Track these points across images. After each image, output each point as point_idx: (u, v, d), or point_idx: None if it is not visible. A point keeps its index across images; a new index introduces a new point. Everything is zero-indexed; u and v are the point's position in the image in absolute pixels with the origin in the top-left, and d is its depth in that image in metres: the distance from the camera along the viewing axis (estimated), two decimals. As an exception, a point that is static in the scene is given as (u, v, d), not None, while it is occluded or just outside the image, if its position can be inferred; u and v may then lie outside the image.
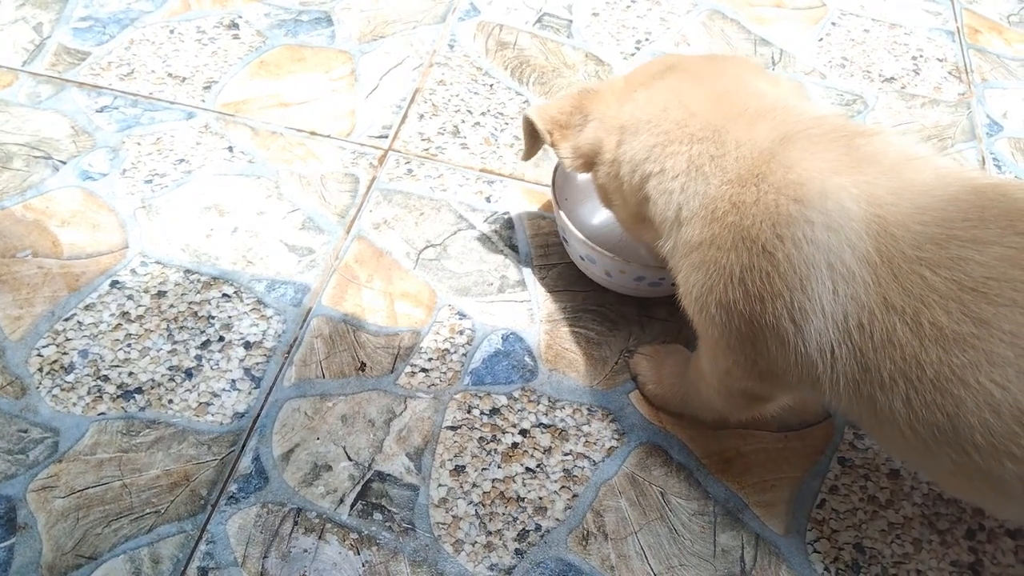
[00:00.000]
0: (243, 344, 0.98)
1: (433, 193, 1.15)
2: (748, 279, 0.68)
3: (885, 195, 0.64)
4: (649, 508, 0.88)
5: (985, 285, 0.60)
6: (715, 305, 0.71)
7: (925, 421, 0.63)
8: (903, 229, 0.63)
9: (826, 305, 0.65)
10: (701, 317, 0.75)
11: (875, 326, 0.64)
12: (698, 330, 0.79)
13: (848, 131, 0.70)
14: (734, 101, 0.75)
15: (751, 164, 0.69)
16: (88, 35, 1.33)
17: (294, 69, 1.30)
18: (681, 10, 1.47)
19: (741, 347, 0.73)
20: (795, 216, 0.65)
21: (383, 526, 0.86)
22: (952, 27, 1.49)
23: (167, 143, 1.19)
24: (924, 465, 0.74)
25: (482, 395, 0.96)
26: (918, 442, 0.65)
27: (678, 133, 0.75)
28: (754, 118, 0.73)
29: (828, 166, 0.66)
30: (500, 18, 1.42)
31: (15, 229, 1.07)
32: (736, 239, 0.68)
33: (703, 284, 0.72)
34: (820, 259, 0.65)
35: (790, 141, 0.69)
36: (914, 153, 0.68)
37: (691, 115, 0.75)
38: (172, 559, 0.82)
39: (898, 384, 0.64)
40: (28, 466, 0.87)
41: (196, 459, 0.89)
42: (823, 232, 0.64)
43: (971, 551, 0.87)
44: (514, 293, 1.05)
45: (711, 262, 0.70)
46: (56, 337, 0.97)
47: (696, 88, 0.78)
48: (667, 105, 0.77)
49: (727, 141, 0.72)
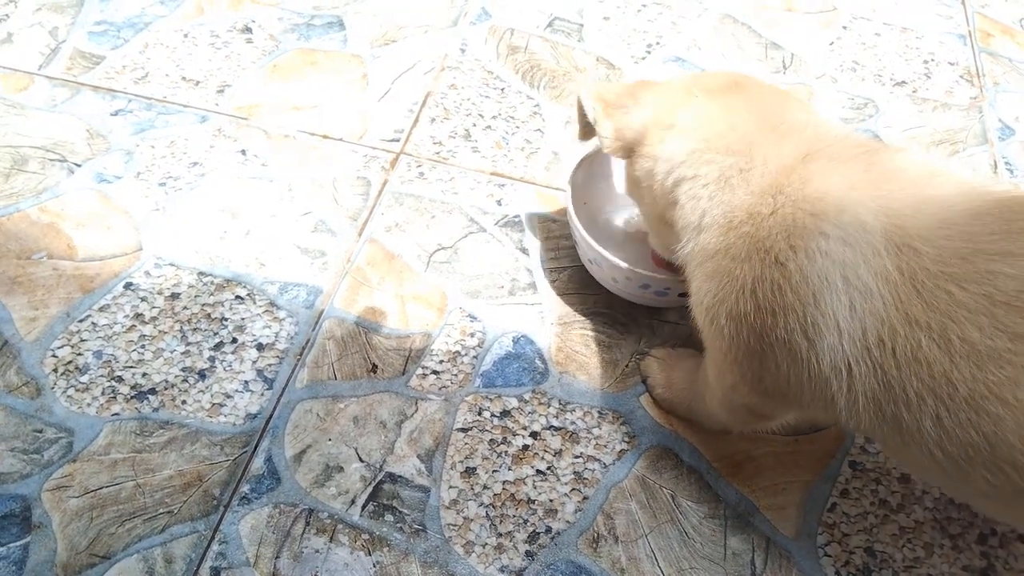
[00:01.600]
0: (256, 346, 0.99)
1: (444, 196, 1.16)
2: (759, 291, 0.67)
3: (905, 209, 0.63)
4: (659, 511, 0.89)
5: (1018, 299, 0.58)
6: (725, 316, 0.71)
7: (958, 441, 0.61)
8: (926, 244, 0.62)
9: (841, 321, 0.64)
10: (711, 328, 0.74)
11: (897, 343, 0.62)
12: (706, 342, 0.78)
13: (870, 148, 0.70)
14: (771, 120, 0.76)
15: (773, 178, 0.70)
16: (103, 39, 1.34)
17: (307, 73, 1.31)
18: (692, 14, 1.47)
19: (748, 362, 0.72)
20: (810, 228, 0.65)
21: (394, 527, 0.86)
22: (964, 31, 1.49)
23: (181, 146, 1.19)
24: (955, 487, 0.71)
25: (493, 397, 0.96)
26: (949, 463, 0.63)
27: (717, 143, 0.75)
28: (783, 135, 0.74)
29: (846, 181, 0.66)
30: (511, 22, 1.43)
31: (30, 231, 1.08)
32: (750, 249, 0.68)
33: (715, 294, 0.71)
34: (835, 273, 0.64)
35: (812, 157, 0.69)
36: (937, 169, 0.68)
37: (731, 129, 0.76)
38: (185, 559, 0.83)
39: (926, 402, 0.61)
40: (43, 466, 0.88)
41: (209, 460, 0.90)
42: (838, 245, 0.64)
43: (983, 556, 0.87)
44: (525, 296, 1.06)
45: (724, 272, 0.70)
46: (71, 338, 0.98)
47: (746, 106, 0.79)
48: (715, 117, 0.78)
49: (756, 155, 0.72)
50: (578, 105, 0.91)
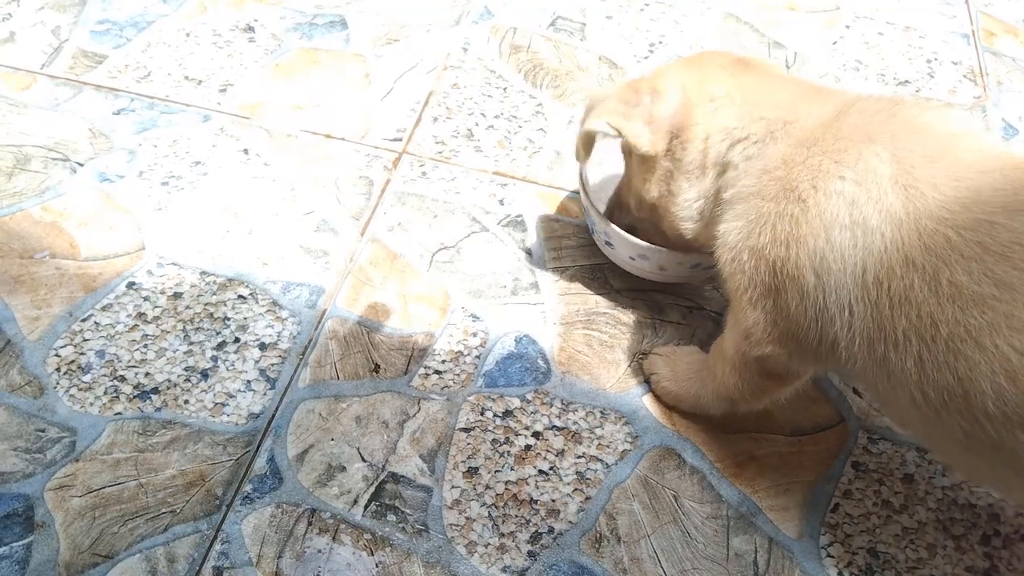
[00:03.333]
0: (258, 345, 0.99)
1: (447, 196, 1.16)
2: (779, 224, 0.71)
3: (919, 160, 0.67)
4: (662, 511, 0.89)
5: (1011, 250, 0.60)
6: (747, 251, 0.75)
7: (935, 383, 0.63)
8: (933, 190, 0.65)
9: (847, 256, 0.67)
10: (732, 266, 0.77)
11: (893, 283, 0.65)
12: (728, 285, 0.80)
13: (900, 105, 0.73)
14: (806, 84, 0.83)
15: (811, 131, 0.74)
16: (105, 38, 1.34)
17: (309, 72, 1.31)
18: (695, 13, 1.47)
19: (763, 301, 0.75)
20: (831, 172, 0.69)
21: (397, 527, 0.86)
22: (967, 30, 1.49)
23: (183, 145, 1.19)
24: (935, 438, 0.73)
25: (495, 397, 0.96)
26: (928, 409, 0.65)
27: (764, 104, 0.80)
28: (824, 95, 0.79)
29: (868, 133, 0.70)
30: (514, 21, 1.42)
31: (33, 230, 1.08)
32: (779, 190, 0.72)
33: (740, 230, 0.75)
34: (844, 210, 0.68)
35: (845, 113, 0.73)
36: (964, 130, 0.70)
37: (772, 92, 0.81)
38: (187, 558, 0.83)
39: (911, 342, 0.64)
40: (46, 465, 0.88)
41: (211, 459, 0.90)
42: (850, 185, 0.68)
43: (986, 556, 0.87)
44: (527, 295, 1.06)
45: (753, 210, 0.74)
46: (73, 337, 0.98)
47: (775, 75, 0.86)
48: (752, 85, 0.82)
49: (800, 111, 0.77)
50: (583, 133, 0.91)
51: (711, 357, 0.90)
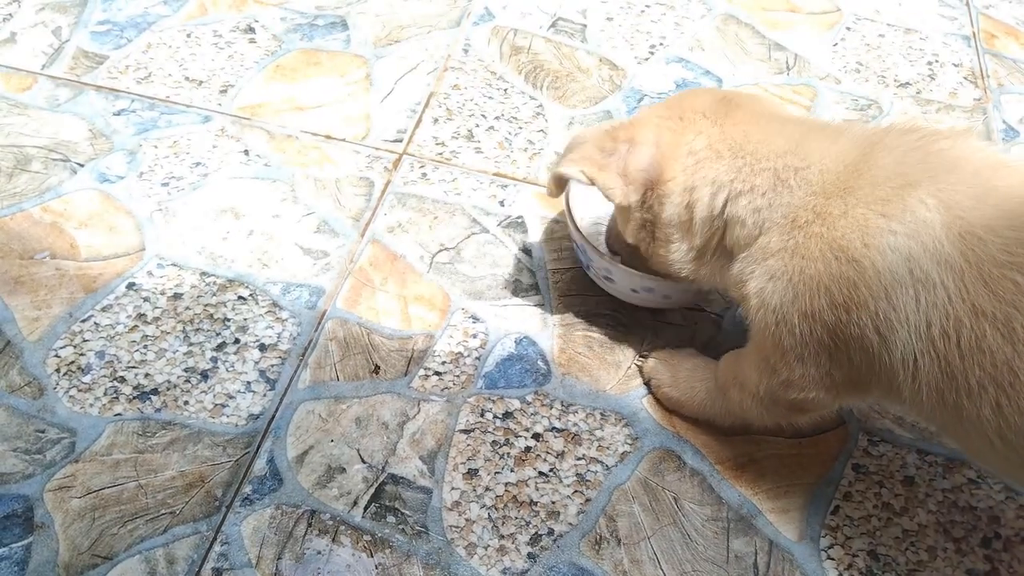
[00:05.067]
0: (258, 346, 0.99)
1: (447, 197, 1.16)
2: (835, 288, 0.69)
3: (966, 201, 0.65)
4: (662, 513, 0.88)
5: None
6: (798, 315, 0.72)
7: (1018, 429, 0.62)
8: (991, 233, 0.63)
9: (910, 315, 0.66)
10: (778, 328, 0.74)
11: (962, 334, 0.63)
12: (765, 340, 0.77)
13: (927, 138, 0.71)
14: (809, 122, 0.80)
15: (836, 177, 0.71)
16: (106, 39, 1.34)
17: (310, 73, 1.31)
18: (695, 15, 1.47)
19: (816, 358, 0.73)
20: (882, 228, 0.67)
21: (396, 528, 0.86)
22: (968, 32, 1.49)
23: (184, 146, 1.19)
24: (1015, 473, 0.73)
25: (495, 399, 0.96)
26: (1008, 451, 0.64)
27: (762, 151, 0.76)
28: (835, 133, 0.75)
29: (905, 177, 0.68)
30: (515, 23, 1.42)
31: (33, 231, 1.08)
32: (823, 248, 0.69)
33: (782, 292, 0.72)
34: (903, 267, 0.65)
35: (872, 154, 0.71)
36: (1000, 160, 0.69)
37: (773, 134, 0.77)
38: (187, 560, 0.83)
39: (987, 391, 0.63)
40: (45, 466, 0.88)
41: (211, 460, 0.90)
42: (904, 240, 0.65)
43: (987, 559, 0.87)
44: (527, 297, 1.06)
45: (795, 271, 0.71)
46: (73, 338, 0.98)
47: (769, 113, 0.81)
48: (748, 129, 0.78)
49: (811, 154, 0.73)
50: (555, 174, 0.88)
51: (723, 377, 0.89)
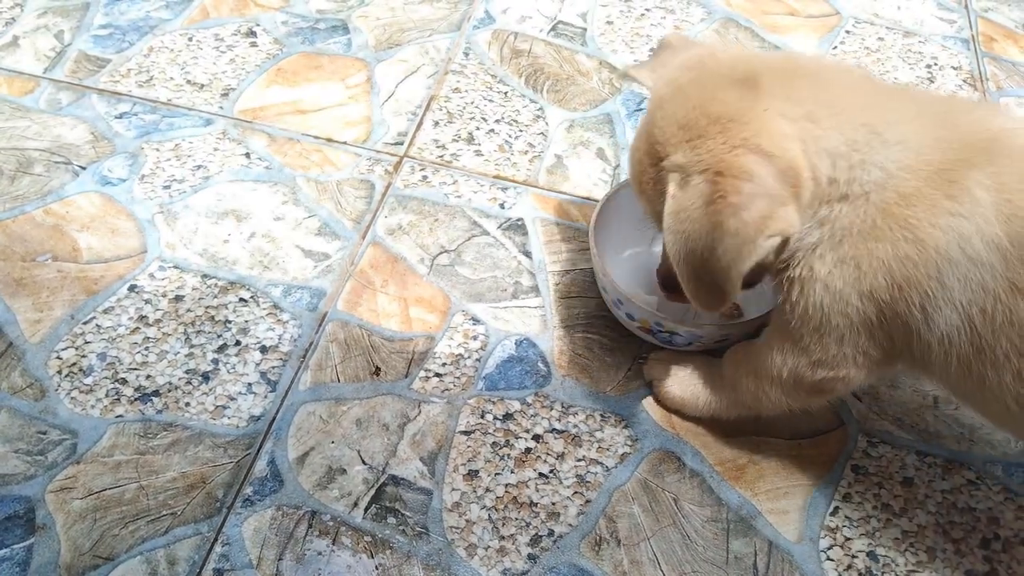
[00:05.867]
0: (259, 348, 0.99)
1: (447, 199, 1.16)
2: (895, 267, 0.70)
3: (1016, 183, 0.67)
4: (662, 514, 0.89)
5: None
6: (857, 294, 0.72)
7: None
8: None
9: (956, 294, 0.68)
10: (836, 307, 0.73)
11: (997, 309, 0.66)
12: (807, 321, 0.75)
13: (994, 116, 0.73)
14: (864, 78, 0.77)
15: (912, 151, 0.70)
16: (108, 42, 1.35)
17: (311, 76, 1.32)
18: (695, 18, 1.48)
19: (856, 336, 0.74)
20: (947, 208, 0.68)
21: (397, 530, 0.86)
22: (967, 35, 1.49)
23: (185, 149, 1.20)
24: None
25: (496, 400, 0.96)
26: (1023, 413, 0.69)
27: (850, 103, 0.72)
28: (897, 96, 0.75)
29: (968, 159, 0.69)
30: (515, 26, 1.43)
31: (35, 233, 1.08)
32: (893, 227, 0.70)
33: (850, 275, 0.72)
34: (956, 248, 0.68)
35: (942, 127, 0.71)
36: None
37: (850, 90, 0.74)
38: (188, 561, 0.83)
39: (1011, 360, 0.67)
40: (47, 467, 0.88)
41: (212, 462, 0.90)
42: (963, 221, 0.68)
43: (986, 560, 0.87)
44: (527, 299, 1.06)
45: (865, 255, 0.71)
46: (75, 340, 0.98)
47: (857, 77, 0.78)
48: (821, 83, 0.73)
49: (887, 119, 0.71)
50: (744, 268, 0.71)
51: (732, 369, 0.89)
